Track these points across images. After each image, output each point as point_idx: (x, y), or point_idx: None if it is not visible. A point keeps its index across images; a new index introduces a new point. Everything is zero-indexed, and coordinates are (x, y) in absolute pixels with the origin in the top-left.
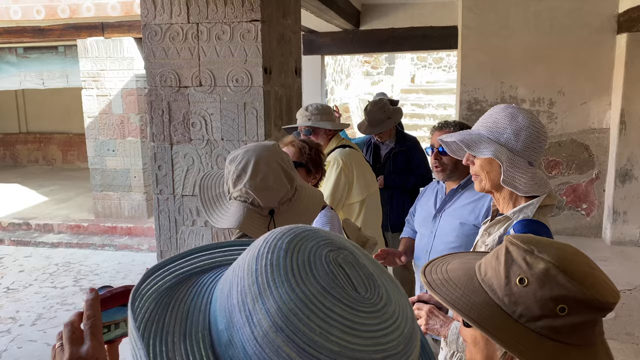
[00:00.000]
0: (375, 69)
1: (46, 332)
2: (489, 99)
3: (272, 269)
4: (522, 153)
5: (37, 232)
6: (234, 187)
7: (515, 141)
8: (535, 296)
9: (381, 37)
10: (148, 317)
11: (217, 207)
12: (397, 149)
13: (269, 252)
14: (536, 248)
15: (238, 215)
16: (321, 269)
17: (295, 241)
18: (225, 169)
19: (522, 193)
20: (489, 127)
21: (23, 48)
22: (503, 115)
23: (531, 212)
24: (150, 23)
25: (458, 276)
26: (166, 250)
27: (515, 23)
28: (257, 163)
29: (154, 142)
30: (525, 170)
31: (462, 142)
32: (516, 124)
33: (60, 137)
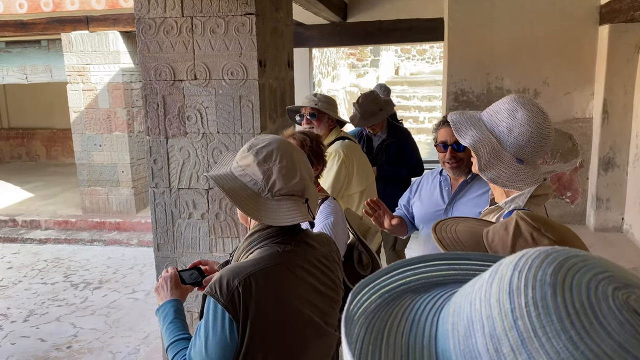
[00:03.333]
0: (361, 61)
1: (39, 328)
2: (476, 90)
3: (539, 311)
4: (511, 149)
5: (24, 229)
6: (281, 184)
7: (507, 136)
8: None
9: (368, 30)
10: (361, 346)
11: (259, 207)
12: (389, 140)
13: (528, 286)
14: (543, 227)
15: (287, 211)
16: (610, 316)
17: (564, 273)
18: (254, 167)
19: (501, 186)
20: (491, 114)
21: (5, 42)
22: (505, 107)
23: (522, 202)
24: (144, 17)
25: (465, 238)
26: (163, 243)
27: (500, 15)
28: (292, 157)
29: (149, 136)
30: (509, 165)
31: (453, 123)
32: (512, 120)
33: (44, 132)
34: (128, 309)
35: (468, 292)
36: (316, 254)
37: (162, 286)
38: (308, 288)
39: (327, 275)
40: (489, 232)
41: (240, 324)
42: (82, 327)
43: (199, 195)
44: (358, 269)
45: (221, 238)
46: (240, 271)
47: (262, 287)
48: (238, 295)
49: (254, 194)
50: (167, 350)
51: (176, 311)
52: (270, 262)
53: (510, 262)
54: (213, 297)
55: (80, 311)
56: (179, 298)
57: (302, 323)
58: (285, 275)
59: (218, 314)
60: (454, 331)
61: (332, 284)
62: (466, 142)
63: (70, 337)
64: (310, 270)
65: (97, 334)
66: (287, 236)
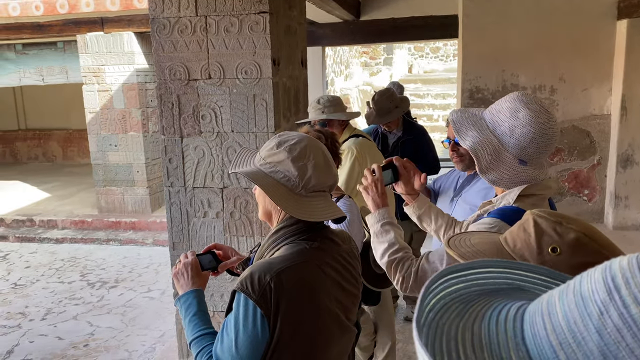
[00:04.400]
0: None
1: (57, 327)
2: (491, 88)
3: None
4: (513, 150)
5: (42, 229)
6: (316, 181)
7: (509, 137)
8: (569, 263)
9: (381, 28)
10: (433, 318)
11: (294, 203)
12: (405, 137)
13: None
14: (564, 220)
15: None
16: None
17: None
18: (287, 163)
19: (504, 188)
20: (493, 113)
21: (22, 44)
22: (507, 107)
23: (512, 199)
24: (158, 16)
25: (486, 249)
26: (178, 242)
27: (515, 11)
28: (324, 154)
29: (164, 135)
30: (512, 166)
31: (454, 123)
32: (514, 120)
33: (60, 133)
34: (144, 307)
35: (577, 317)
36: (340, 251)
37: (182, 273)
38: (334, 284)
39: (350, 272)
40: (507, 239)
41: (272, 320)
42: (98, 326)
43: (213, 194)
44: (374, 268)
45: (236, 237)
46: (271, 267)
47: (293, 283)
48: (270, 291)
49: (288, 190)
50: (191, 345)
51: (199, 303)
52: (299, 258)
53: (631, 277)
54: (244, 293)
55: (97, 310)
56: (200, 287)
57: (329, 319)
58: (314, 272)
59: (249, 310)
60: (551, 349)
61: (353, 281)
62: (466, 145)
63: (87, 335)
64: (335, 266)
65: (114, 332)
66: (313, 233)
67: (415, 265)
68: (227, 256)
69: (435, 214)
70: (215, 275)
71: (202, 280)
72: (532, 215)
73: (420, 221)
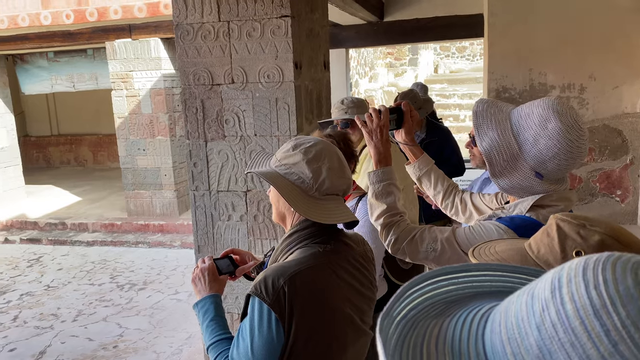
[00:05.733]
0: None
1: (87, 328)
2: (518, 87)
3: (632, 331)
4: (531, 160)
5: (73, 232)
6: (329, 184)
7: (531, 146)
8: None
9: (405, 28)
10: (396, 341)
11: (308, 205)
12: (429, 139)
13: (616, 304)
14: (587, 222)
15: (347, 209)
16: None
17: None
18: (302, 165)
19: (515, 196)
20: (522, 115)
21: (53, 52)
22: (538, 113)
23: (524, 209)
24: (182, 23)
25: (510, 256)
26: (203, 245)
27: (542, 8)
28: (339, 157)
29: (189, 140)
30: (526, 177)
31: (476, 117)
32: (542, 130)
33: (91, 138)
34: (171, 309)
35: (524, 314)
36: (354, 254)
37: (200, 278)
38: (348, 287)
39: (364, 275)
40: (531, 245)
41: (286, 324)
42: (127, 327)
43: (237, 198)
44: (399, 263)
45: (259, 240)
46: (284, 271)
47: (307, 286)
48: (284, 295)
49: (301, 191)
50: (208, 350)
51: (216, 308)
52: (313, 261)
53: (573, 276)
54: (258, 297)
55: (126, 311)
56: (218, 292)
57: (344, 323)
58: (328, 275)
59: (264, 314)
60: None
61: (368, 283)
62: (482, 146)
63: (117, 336)
64: (350, 269)
65: (142, 334)
66: (326, 236)
67: (417, 230)
68: (244, 261)
69: (435, 178)
70: (232, 279)
71: (219, 285)
72: (555, 219)
73: (419, 182)
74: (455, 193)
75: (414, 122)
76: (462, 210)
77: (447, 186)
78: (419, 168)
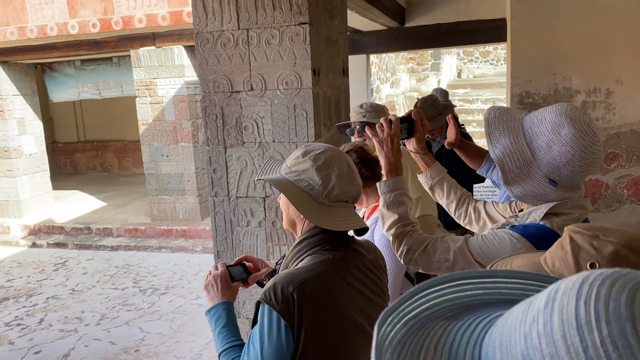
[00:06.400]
0: (421, 66)
1: (110, 332)
2: (542, 92)
3: (619, 352)
4: (545, 167)
5: (98, 236)
6: (339, 190)
7: (544, 152)
8: None
9: (427, 33)
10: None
11: (317, 212)
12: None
13: (601, 320)
14: (601, 232)
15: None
16: None
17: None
18: (311, 172)
19: (528, 204)
20: (534, 122)
21: (80, 61)
22: (550, 119)
23: (538, 217)
24: (202, 31)
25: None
26: (222, 250)
27: (566, 11)
28: (349, 164)
29: (208, 146)
30: (539, 184)
31: (487, 124)
32: (555, 136)
33: (116, 144)
34: (192, 314)
35: (518, 323)
36: (364, 261)
37: (212, 285)
38: (359, 295)
39: (375, 282)
40: (546, 259)
41: (295, 331)
42: (149, 332)
43: (256, 204)
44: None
45: (278, 246)
46: (293, 278)
47: (316, 293)
48: (293, 302)
49: (311, 198)
50: (220, 357)
51: (228, 315)
52: (322, 268)
53: (569, 289)
54: (268, 304)
55: (148, 316)
56: (230, 299)
57: (354, 330)
58: (337, 282)
59: (274, 321)
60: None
61: (379, 291)
62: (494, 153)
63: (138, 340)
64: (360, 276)
65: (163, 338)
66: (336, 243)
67: (429, 240)
68: (257, 268)
69: (448, 187)
70: (245, 287)
71: (231, 292)
72: (568, 231)
73: (432, 192)
74: (469, 202)
75: (425, 130)
76: (475, 220)
77: (460, 195)
78: (431, 177)
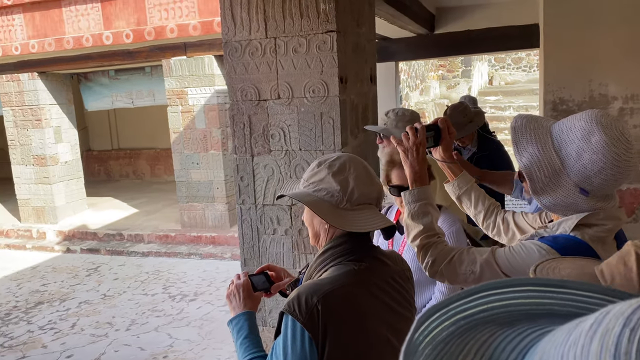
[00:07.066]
0: (451, 73)
1: (139, 337)
2: (576, 99)
3: None
4: (575, 176)
5: (129, 242)
6: (359, 192)
7: (574, 161)
8: None
9: (457, 40)
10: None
11: (340, 218)
12: (480, 153)
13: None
14: None
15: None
16: None
17: None
18: (329, 179)
19: (558, 214)
20: (563, 129)
21: (114, 70)
22: (580, 126)
23: (569, 228)
24: (230, 40)
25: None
26: (249, 258)
27: (602, 15)
28: (365, 166)
29: (236, 155)
30: (570, 194)
31: (514, 133)
32: (585, 143)
33: (148, 152)
34: (220, 321)
35: (561, 341)
36: (390, 272)
37: (235, 295)
38: (385, 307)
39: (402, 294)
40: (603, 271)
41: (320, 343)
42: (177, 338)
43: (282, 212)
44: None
45: (304, 254)
46: (318, 289)
47: (341, 305)
48: (317, 313)
49: (332, 206)
50: None
51: (250, 326)
52: (347, 280)
53: (620, 313)
54: (292, 315)
55: (177, 322)
56: (251, 309)
57: (379, 342)
58: (362, 294)
59: (297, 333)
60: None
61: (406, 303)
62: (521, 162)
63: (167, 347)
64: (386, 288)
65: (191, 345)
66: (360, 253)
67: (455, 251)
68: (279, 277)
69: (476, 197)
70: (267, 296)
71: (253, 303)
72: (633, 247)
73: (459, 202)
74: (497, 212)
75: (452, 138)
76: (504, 231)
77: (489, 205)
78: (459, 187)
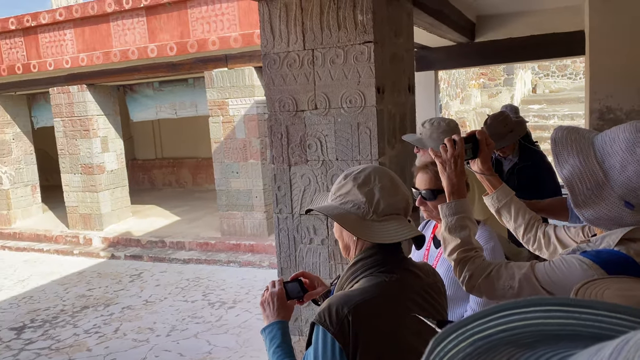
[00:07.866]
0: (493, 81)
1: (179, 343)
2: (625, 107)
3: None
4: (619, 189)
5: (171, 249)
6: (385, 203)
7: (618, 173)
8: None
9: (498, 48)
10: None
11: (367, 230)
12: (521, 164)
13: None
14: None
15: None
16: None
17: None
18: (354, 191)
19: (602, 228)
20: (606, 141)
21: (159, 82)
22: (624, 137)
23: (613, 242)
24: (269, 52)
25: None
26: (286, 267)
27: None
28: (391, 176)
29: (274, 164)
30: (613, 207)
31: (555, 144)
32: (630, 155)
33: (191, 161)
34: (257, 329)
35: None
36: (422, 284)
37: (269, 303)
38: (415, 318)
39: (433, 306)
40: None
41: (350, 355)
42: (216, 345)
43: (319, 221)
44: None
45: (340, 264)
46: (348, 300)
47: (372, 316)
48: (348, 324)
49: (359, 218)
50: None
51: (283, 335)
52: (378, 291)
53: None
54: (322, 326)
55: (215, 329)
56: (284, 318)
57: (410, 355)
58: (394, 306)
59: (328, 343)
60: None
61: (438, 316)
62: (562, 174)
63: (205, 353)
64: (418, 300)
65: (229, 352)
66: (391, 265)
67: (493, 266)
68: (313, 285)
69: (516, 210)
70: (300, 304)
71: (286, 312)
72: None
73: (498, 215)
74: (538, 226)
75: (490, 150)
76: (545, 245)
77: (529, 219)
78: (498, 199)
